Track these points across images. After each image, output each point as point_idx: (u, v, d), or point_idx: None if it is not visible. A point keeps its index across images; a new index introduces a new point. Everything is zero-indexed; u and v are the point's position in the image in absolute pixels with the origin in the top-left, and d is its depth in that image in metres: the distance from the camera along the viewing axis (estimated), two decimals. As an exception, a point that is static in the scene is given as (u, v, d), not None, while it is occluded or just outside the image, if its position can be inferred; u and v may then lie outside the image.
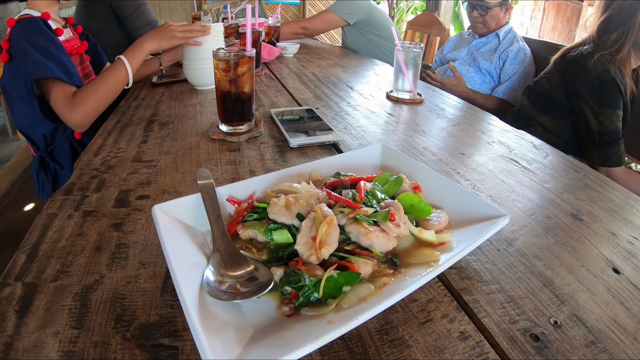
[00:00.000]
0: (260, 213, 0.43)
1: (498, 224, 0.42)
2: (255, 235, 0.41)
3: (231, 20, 1.86)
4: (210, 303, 0.34)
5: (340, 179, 0.49)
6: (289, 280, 0.35)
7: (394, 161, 0.58)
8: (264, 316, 0.35)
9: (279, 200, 0.41)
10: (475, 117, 0.97)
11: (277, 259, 0.39)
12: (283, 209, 0.41)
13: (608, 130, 1.17)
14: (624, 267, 0.46)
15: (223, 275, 0.36)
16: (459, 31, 4.25)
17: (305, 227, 0.39)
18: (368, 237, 0.39)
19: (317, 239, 0.37)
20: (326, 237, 0.37)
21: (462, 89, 1.65)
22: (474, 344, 0.35)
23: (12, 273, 0.41)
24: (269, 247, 0.40)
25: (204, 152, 0.72)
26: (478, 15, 1.70)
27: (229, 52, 0.74)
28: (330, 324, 0.31)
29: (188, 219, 0.44)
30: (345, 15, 1.96)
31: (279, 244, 0.40)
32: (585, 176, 0.68)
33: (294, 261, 0.37)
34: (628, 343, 0.35)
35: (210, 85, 1.15)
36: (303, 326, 0.32)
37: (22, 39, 0.94)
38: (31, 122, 1.04)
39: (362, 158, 0.59)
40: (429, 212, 0.45)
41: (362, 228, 0.39)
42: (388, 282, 0.37)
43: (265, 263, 0.39)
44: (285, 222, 0.41)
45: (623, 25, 1.14)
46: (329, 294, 0.35)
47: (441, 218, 0.45)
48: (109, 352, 0.33)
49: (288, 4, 4.80)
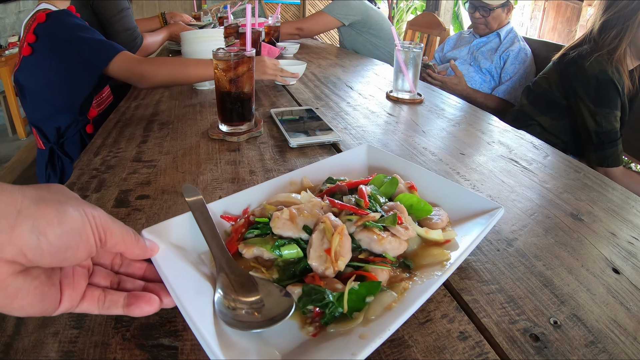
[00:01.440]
0: (262, 228, 0.40)
1: (495, 216, 0.43)
2: (260, 253, 0.38)
3: (231, 20, 1.86)
4: (227, 331, 0.31)
5: (338, 185, 0.47)
6: (312, 299, 0.33)
7: (381, 161, 0.58)
8: (288, 339, 0.32)
9: (282, 214, 0.39)
10: (475, 117, 0.97)
11: (289, 276, 0.36)
12: (288, 222, 0.39)
13: (605, 130, 1.17)
14: (623, 267, 0.46)
15: (236, 301, 0.33)
16: (458, 31, 4.25)
17: (316, 240, 0.37)
18: (381, 244, 0.38)
19: (331, 252, 0.35)
20: (340, 248, 0.36)
21: (463, 87, 1.65)
22: (474, 344, 0.35)
23: (12, 273, 0.41)
24: (278, 264, 0.37)
25: (203, 152, 0.72)
26: (480, 16, 1.70)
27: (229, 52, 0.74)
28: (363, 339, 0.30)
29: (181, 241, 0.39)
30: (340, 16, 1.97)
31: (288, 260, 0.37)
32: (585, 176, 0.68)
33: (310, 277, 0.35)
34: (628, 343, 0.35)
35: (210, 85, 1.15)
36: (335, 344, 0.31)
37: (65, 30, 0.97)
38: (45, 115, 1.08)
39: (349, 160, 0.58)
40: (430, 211, 0.45)
41: (374, 235, 0.38)
42: (407, 287, 0.36)
43: (277, 282, 0.36)
44: (292, 236, 0.39)
45: (622, 24, 1.14)
46: (353, 307, 0.33)
47: (442, 216, 0.45)
48: (108, 352, 0.33)
49: (288, 4, 4.79)
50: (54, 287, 0.28)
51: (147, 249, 0.34)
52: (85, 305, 0.30)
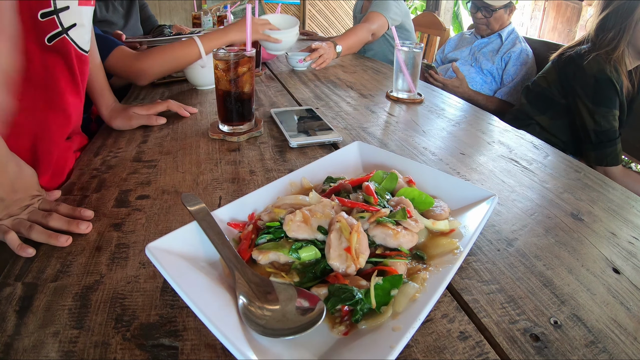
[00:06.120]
0: (274, 233, 0.40)
1: (491, 204, 0.46)
2: (277, 258, 0.38)
3: (230, 20, 1.86)
4: (257, 338, 0.31)
5: (341, 184, 0.48)
6: (341, 298, 0.33)
7: (373, 157, 0.59)
8: (320, 341, 0.32)
9: (296, 216, 0.39)
10: (475, 117, 0.97)
11: (310, 278, 0.36)
12: (302, 224, 0.39)
13: (604, 129, 1.17)
14: (624, 267, 0.46)
15: (262, 309, 0.33)
16: (458, 31, 4.25)
17: (334, 240, 0.37)
18: (396, 238, 0.39)
19: (351, 250, 0.36)
20: (359, 246, 0.37)
21: (465, 90, 1.65)
22: (474, 344, 0.34)
23: (12, 273, 0.41)
24: (295, 267, 0.37)
25: (204, 152, 0.72)
26: (482, 17, 1.70)
27: (229, 52, 0.74)
28: (397, 331, 0.30)
29: (189, 251, 0.38)
30: (391, 20, 1.68)
31: (305, 262, 0.37)
32: (585, 176, 0.68)
33: (333, 277, 0.36)
34: (628, 343, 0.35)
35: (210, 85, 1.15)
36: (369, 340, 0.31)
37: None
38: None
39: (341, 159, 0.58)
40: (431, 203, 0.46)
41: (388, 230, 0.39)
42: (426, 277, 0.37)
43: (298, 285, 0.36)
44: (307, 237, 0.39)
45: (619, 25, 1.14)
46: (380, 302, 0.34)
47: (443, 207, 0.47)
48: (109, 352, 0.33)
49: (288, 4, 4.79)
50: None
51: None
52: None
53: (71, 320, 0.36)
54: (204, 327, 0.35)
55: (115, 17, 1.50)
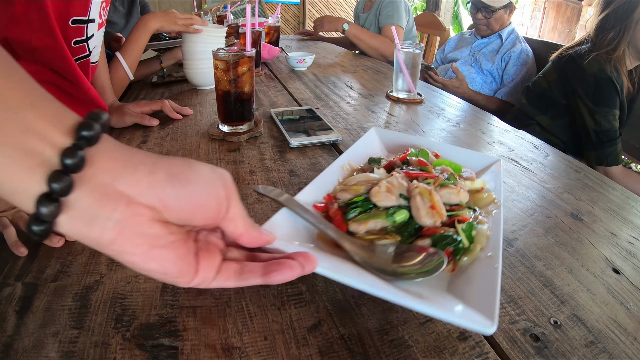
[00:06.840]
0: (362, 206, 0.46)
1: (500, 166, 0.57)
2: (374, 225, 0.44)
3: (230, 20, 1.86)
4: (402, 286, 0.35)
5: (391, 161, 0.55)
6: (445, 243, 0.40)
7: (392, 140, 0.66)
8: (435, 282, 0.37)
9: (380, 188, 0.46)
10: (475, 117, 0.97)
11: (407, 237, 0.42)
12: (387, 194, 0.45)
13: (604, 129, 1.17)
14: (624, 267, 0.46)
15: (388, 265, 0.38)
16: (458, 31, 4.25)
17: (420, 202, 0.44)
18: (458, 195, 0.46)
19: (435, 207, 0.43)
20: (438, 203, 0.44)
21: (465, 90, 1.65)
22: (474, 344, 0.35)
23: (12, 273, 0.41)
24: (390, 230, 0.43)
25: (204, 152, 0.72)
26: (482, 17, 1.70)
27: (229, 52, 0.74)
28: (490, 258, 0.38)
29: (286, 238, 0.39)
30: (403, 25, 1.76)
31: (398, 224, 0.43)
32: (585, 176, 0.68)
33: (427, 230, 0.42)
34: (628, 343, 0.35)
35: (210, 85, 1.15)
36: (475, 267, 0.38)
37: None
38: None
39: (365, 147, 0.63)
40: (460, 169, 0.54)
41: (452, 189, 0.46)
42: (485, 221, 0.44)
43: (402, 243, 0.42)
44: (394, 204, 0.45)
45: (619, 25, 1.14)
46: (469, 241, 0.41)
47: (469, 172, 0.55)
48: (109, 352, 0.33)
49: (288, 4, 4.80)
50: (191, 253, 0.28)
51: (266, 234, 0.33)
52: (221, 278, 0.29)
53: (71, 320, 0.36)
54: (204, 327, 0.35)
55: (116, 17, 1.50)
